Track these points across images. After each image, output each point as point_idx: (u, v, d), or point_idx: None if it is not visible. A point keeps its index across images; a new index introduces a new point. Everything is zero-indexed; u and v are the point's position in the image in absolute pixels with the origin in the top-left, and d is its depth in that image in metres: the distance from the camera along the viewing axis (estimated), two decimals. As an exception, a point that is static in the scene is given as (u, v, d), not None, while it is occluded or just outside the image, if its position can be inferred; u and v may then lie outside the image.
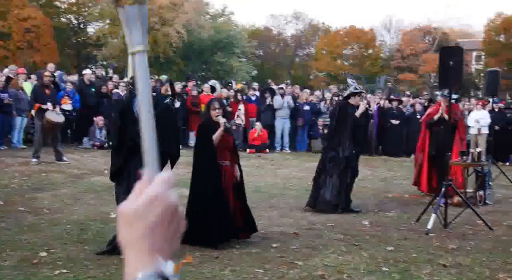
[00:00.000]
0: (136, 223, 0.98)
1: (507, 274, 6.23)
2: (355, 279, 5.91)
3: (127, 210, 1.00)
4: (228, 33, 40.48)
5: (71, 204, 9.31)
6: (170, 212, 1.00)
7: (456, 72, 9.08)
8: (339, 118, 9.93)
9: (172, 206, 1.01)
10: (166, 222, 0.99)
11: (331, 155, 9.82)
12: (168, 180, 1.02)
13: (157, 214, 0.98)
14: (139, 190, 1.02)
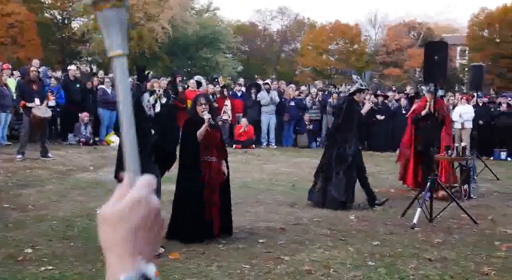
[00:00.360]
0: (119, 226, 0.98)
1: (492, 267, 6.28)
2: (342, 274, 5.94)
3: (110, 212, 1.00)
4: (213, 28, 40.40)
5: (56, 201, 9.25)
6: (153, 215, 1.00)
7: (441, 67, 9.12)
8: (346, 115, 9.88)
9: (154, 210, 1.01)
10: (148, 225, 1.00)
11: (338, 152, 9.75)
12: (150, 183, 1.02)
13: (140, 217, 0.99)
14: (119, 193, 1.02)
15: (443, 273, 6.03)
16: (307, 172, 13.62)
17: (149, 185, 1.02)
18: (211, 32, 39.71)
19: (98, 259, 6.08)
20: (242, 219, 8.29)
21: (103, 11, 1.02)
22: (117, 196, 1.02)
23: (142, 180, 1.02)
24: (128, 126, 1.04)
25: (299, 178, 12.66)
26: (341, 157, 9.73)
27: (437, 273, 6.04)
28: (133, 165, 1.04)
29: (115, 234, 0.98)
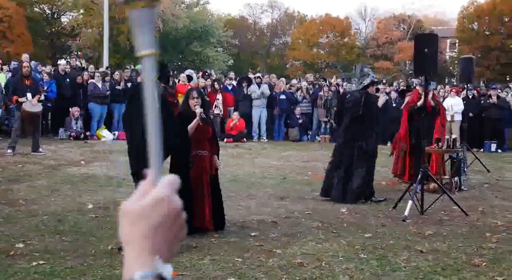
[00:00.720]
0: (140, 223, 0.99)
1: (483, 258, 6.32)
2: (334, 266, 5.95)
3: (132, 208, 1.00)
4: (203, 22, 40.31)
5: (47, 195, 9.22)
6: (174, 215, 1.02)
7: (432, 60, 9.14)
8: (365, 109, 9.82)
9: (176, 210, 1.02)
10: (169, 224, 1.01)
11: (360, 146, 9.70)
12: (173, 183, 1.03)
13: (161, 216, 0.99)
14: (143, 190, 1.03)
15: (435, 265, 6.06)
16: (298, 166, 13.67)
17: (172, 185, 1.03)
18: (201, 26, 39.62)
19: (90, 253, 6.08)
20: (234, 213, 8.29)
21: (136, 10, 1.01)
22: (141, 192, 1.02)
23: (166, 179, 1.03)
24: (154, 125, 1.04)
25: (290, 172, 12.68)
26: (364, 151, 9.69)
27: (429, 264, 6.07)
28: (157, 163, 1.05)
29: (135, 230, 0.99)
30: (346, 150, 9.78)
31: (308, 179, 11.78)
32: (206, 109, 7.68)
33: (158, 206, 0.99)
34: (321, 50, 49.54)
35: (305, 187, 10.79)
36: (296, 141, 19.87)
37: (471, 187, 11.34)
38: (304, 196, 9.92)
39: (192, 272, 5.69)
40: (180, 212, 1.03)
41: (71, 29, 37.50)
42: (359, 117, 9.72)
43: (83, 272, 5.49)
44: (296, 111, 20.26)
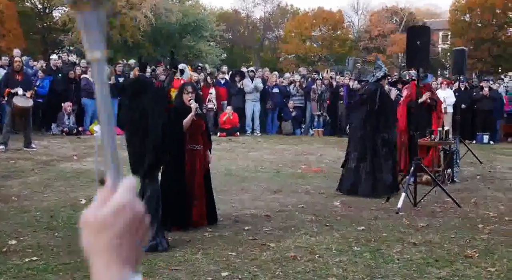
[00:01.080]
0: (103, 233, 0.95)
1: (475, 249, 6.35)
2: (327, 259, 5.97)
3: (94, 218, 0.96)
4: (196, 16, 40.16)
5: (40, 191, 9.19)
6: (137, 221, 0.98)
7: (424, 52, 9.15)
8: (382, 101, 9.81)
9: (139, 215, 0.98)
10: (133, 231, 0.97)
11: (382, 138, 9.68)
12: (133, 186, 0.99)
13: (124, 223, 0.96)
14: (103, 197, 0.98)
15: (428, 257, 6.09)
16: (292, 159, 13.68)
17: (132, 188, 0.99)
18: (193, 20, 39.47)
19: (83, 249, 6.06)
20: (227, 207, 8.30)
21: (83, 13, 0.98)
22: (101, 200, 0.98)
23: (126, 183, 0.99)
24: (108, 129, 1.01)
25: (284, 165, 12.68)
26: (388, 142, 9.68)
27: (422, 256, 6.10)
28: (114, 167, 1.00)
29: (99, 241, 0.95)
30: (369, 143, 9.72)
31: (302, 173, 11.79)
32: (200, 104, 7.67)
33: (121, 213, 0.95)
34: (314, 43, 49.50)
35: (298, 181, 10.81)
36: (289, 134, 19.88)
37: (464, 179, 11.39)
38: (298, 190, 9.93)
39: (186, 266, 5.69)
40: (143, 216, 0.99)
41: (63, 24, 37.27)
42: (377, 109, 9.71)
43: (76, 268, 5.48)
44: (289, 104, 20.26)
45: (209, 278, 5.36)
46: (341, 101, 20.15)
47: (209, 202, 7.46)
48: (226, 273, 5.48)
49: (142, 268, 5.58)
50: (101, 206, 0.97)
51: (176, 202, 7.01)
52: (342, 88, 20.31)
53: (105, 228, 0.95)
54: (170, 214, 6.90)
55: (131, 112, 6.34)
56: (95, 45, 0.99)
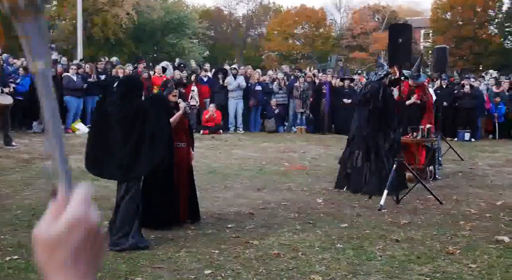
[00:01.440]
0: (58, 250, 0.90)
1: (457, 246, 6.40)
2: (310, 256, 5.98)
3: (47, 236, 0.90)
4: (178, 14, 40.08)
5: (21, 190, 9.11)
6: (93, 234, 0.92)
7: (405, 49, 9.19)
8: (387, 100, 9.80)
9: (94, 228, 0.93)
10: (89, 245, 0.92)
11: (386, 137, 9.64)
12: (87, 197, 0.94)
13: (80, 238, 0.90)
14: (55, 210, 0.93)
15: (410, 253, 6.12)
16: (275, 157, 13.68)
17: (86, 199, 0.93)
18: (176, 18, 39.39)
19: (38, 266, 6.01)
20: (210, 205, 8.29)
21: (24, 23, 0.94)
22: (53, 214, 0.92)
23: (78, 193, 0.93)
24: (57, 140, 0.97)
25: (267, 163, 12.69)
26: (392, 140, 9.69)
27: (404, 253, 6.13)
28: (65, 175, 0.96)
29: (54, 259, 0.90)
30: (373, 141, 9.73)
31: (285, 170, 11.80)
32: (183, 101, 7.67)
33: (75, 228, 0.90)
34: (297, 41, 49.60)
35: (281, 178, 10.81)
36: (272, 132, 19.88)
37: (446, 176, 11.46)
38: (281, 187, 9.94)
39: (169, 264, 5.67)
40: (99, 228, 0.93)
41: (44, 21, 36.99)
42: (380, 108, 9.73)
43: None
44: (272, 102, 20.26)
45: (192, 276, 5.35)
46: (324, 98, 20.19)
47: (192, 200, 7.44)
48: (209, 271, 5.47)
49: (125, 266, 5.56)
50: (53, 221, 0.91)
51: (165, 200, 6.99)
52: (324, 86, 20.35)
53: (60, 245, 0.90)
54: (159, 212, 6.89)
55: (125, 110, 6.26)
56: (38, 55, 0.95)
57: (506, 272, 5.55)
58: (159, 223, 6.95)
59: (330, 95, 20.22)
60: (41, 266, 0.92)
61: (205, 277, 5.34)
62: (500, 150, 16.09)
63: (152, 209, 6.84)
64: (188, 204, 7.35)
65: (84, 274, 0.91)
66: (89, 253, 0.92)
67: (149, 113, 6.27)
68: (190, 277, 5.32)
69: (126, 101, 6.33)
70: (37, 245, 0.92)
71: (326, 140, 17.81)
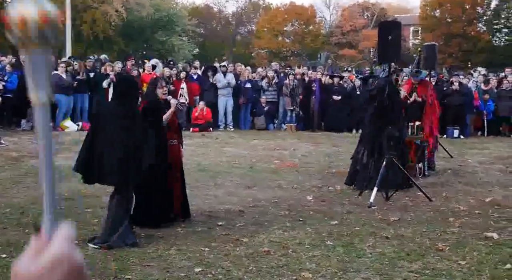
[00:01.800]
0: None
1: (446, 243, 6.43)
2: (300, 254, 5.98)
3: (26, 272, 0.86)
4: (168, 11, 39.96)
5: (10, 188, 9.06)
6: (76, 274, 0.88)
7: (395, 47, 9.21)
8: (392, 97, 9.78)
9: (77, 268, 0.89)
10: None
11: (391, 133, 9.60)
12: (70, 235, 0.90)
13: (62, 277, 0.86)
14: (37, 247, 0.89)
15: (400, 250, 6.14)
16: (265, 154, 13.68)
17: (69, 238, 0.90)
18: (165, 15, 39.27)
19: None
20: (200, 202, 8.28)
21: (32, 54, 0.93)
22: (35, 250, 0.89)
23: (62, 232, 0.90)
24: (49, 175, 0.96)
25: (257, 160, 12.68)
26: (396, 138, 9.68)
27: (394, 250, 6.15)
28: (51, 213, 0.94)
29: None
30: (378, 138, 9.73)
31: (275, 168, 11.81)
32: None
33: (58, 267, 0.86)
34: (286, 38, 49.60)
35: (271, 176, 10.81)
36: (262, 129, 19.87)
37: (435, 173, 11.50)
38: (271, 185, 9.94)
39: (159, 262, 5.66)
40: (82, 268, 0.90)
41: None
42: (386, 105, 9.73)
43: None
44: (261, 99, 20.24)
45: (182, 274, 5.34)
46: (314, 96, 20.20)
47: (183, 198, 7.43)
48: (199, 269, 5.47)
49: (115, 264, 5.55)
50: (35, 258, 0.88)
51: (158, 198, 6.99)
52: (314, 83, 20.36)
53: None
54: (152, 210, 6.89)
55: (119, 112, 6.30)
56: (41, 87, 0.95)
57: (495, 269, 5.58)
58: (152, 221, 6.93)
59: (320, 92, 20.23)
60: None
61: (195, 275, 5.34)
62: (489, 147, 16.16)
63: (145, 207, 6.83)
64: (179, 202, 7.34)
65: None
66: None
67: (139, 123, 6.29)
68: (180, 275, 5.31)
69: (121, 102, 6.36)
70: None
71: (316, 137, 17.83)
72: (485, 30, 44.34)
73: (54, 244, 0.89)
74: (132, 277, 5.24)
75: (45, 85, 0.95)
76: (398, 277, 5.35)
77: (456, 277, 5.34)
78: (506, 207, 8.46)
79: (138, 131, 6.20)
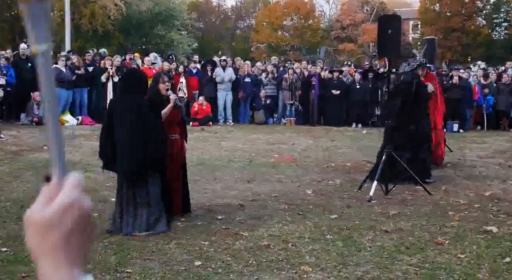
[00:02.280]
0: (50, 232, 0.90)
1: (446, 236, 6.43)
2: (300, 248, 5.99)
3: (39, 218, 0.91)
4: (167, 5, 39.85)
5: (9, 182, 9.06)
6: (84, 219, 0.93)
7: (395, 41, 9.19)
8: (418, 91, 9.83)
9: (86, 213, 0.94)
10: (80, 230, 0.92)
11: (416, 128, 9.75)
12: (80, 183, 0.95)
13: (72, 222, 0.91)
14: (48, 194, 0.93)
15: (399, 244, 6.15)
16: (264, 148, 13.69)
17: (79, 185, 0.94)
18: (165, 9, 39.16)
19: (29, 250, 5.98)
20: (200, 196, 8.28)
21: (30, 4, 0.94)
22: (46, 197, 0.93)
23: (71, 180, 0.94)
24: (54, 123, 0.97)
25: (256, 154, 12.69)
26: (419, 133, 9.75)
27: (393, 244, 6.16)
28: (60, 162, 0.96)
29: (46, 242, 0.90)
30: (404, 132, 9.77)
31: (274, 162, 11.81)
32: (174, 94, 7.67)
33: (67, 212, 0.91)
34: (286, 32, 49.52)
35: (271, 170, 10.82)
36: (262, 124, 19.87)
37: (435, 167, 11.49)
38: (270, 179, 9.95)
39: (159, 256, 5.67)
40: (90, 215, 0.95)
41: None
42: (412, 100, 9.74)
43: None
44: (261, 94, 20.23)
45: (182, 268, 5.35)
46: (313, 90, 20.19)
47: (184, 193, 7.43)
48: (199, 262, 5.47)
49: (115, 258, 5.55)
50: (46, 204, 0.92)
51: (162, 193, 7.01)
52: (313, 78, 20.35)
53: (52, 228, 0.90)
54: None
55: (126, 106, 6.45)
56: (41, 38, 0.95)
57: (494, 262, 5.59)
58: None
59: (319, 86, 20.22)
60: (32, 249, 0.93)
61: (195, 268, 5.34)
62: (488, 141, 16.18)
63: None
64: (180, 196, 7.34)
65: (74, 258, 0.92)
66: (80, 238, 0.93)
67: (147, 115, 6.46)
68: (180, 269, 5.32)
69: (128, 95, 6.49)
70: (29, 227, 0.93)
71: (315, 131, 17.83)
72: (484, 24, 44.34)
73: (64, 191, 0.93)
74: (132, 271, 5.24)
75: (45, 37, 0.96)
76: (397, 270, 5.36)
77: (456, 271, 5.35)
78: (505, 200, 8.48)
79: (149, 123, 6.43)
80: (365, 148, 13.46)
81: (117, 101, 7.14)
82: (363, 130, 18.69)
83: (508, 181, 10.15)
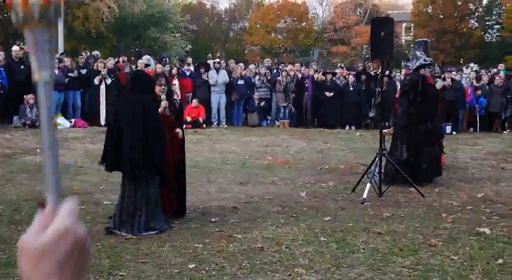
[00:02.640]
0: (43, 261, 0.89)
1: (439, 238, 6.45)
2: (294, 250, 5.99)
3: (32, 246, 0.90)
4: (160, 7, 39.83)
5: (2, 185, 9.04)
6: (79, 248, 0.92)
7: (388, 43, 9.22)
8: (425, 91, 9.89)
9: (80, 241, 0.93)
10: (74, 258, 0.92)
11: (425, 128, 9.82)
12: (74, 210, 0.94)
13: (66, 251, 0.90)
14: (42, 221, 0.93)
15: (393, 246, 6.16)
16: (258, 151, 13.69)
17: (73, 212, 0.94)
18: (158, 11, 39.14)
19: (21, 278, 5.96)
20: (194, 199, 8.27)
21: (36, 32, 0.94)
22: (40, 225, 0.92)
23: (66, 207, 0.94)
24: (51, 152, 0.97)
25: (250, 157, 12.69)
26: (430, 132, 9.82)
27: (387, 246, 6.17)
28: (55, 189, 0.96)
29: (39, 270, 0.89)
30: (413, 132, 9.83)
31: (268, 164, 11.81)
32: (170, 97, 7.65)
33: (62, 240, 0.90)
34: (279, 35, 49.53)
35: (265, 172, 10.82)
36: (255, 126, 19.87)
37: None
38: (264, 181, 9.95)
39: (152, 259, 5.66)
40: (85, 242, 0.94)
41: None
42: (419, 99, 9.81)
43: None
44: (254, 96, 20.23)
45: (175, 270, 5.34)
46: (306, 92, 20.20)
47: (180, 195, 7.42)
48: (193, 265, 5.47)
49: (108, 260, 5.54)
50: (40, 232, 0.91)
51: None
52: (307, 80, 20.36)
53: (46, 256, 0.90)
54: None
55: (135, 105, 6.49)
56: (44, 65, 0.96)
57: (487, 264, 5.61)
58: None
59: (313, 89, 20.23)
60: (24, 276, 0.91)
61: (189, 271, 5.34)
62: (481, 143, 16.24)
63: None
64: (175, 198, 7.33)
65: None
66: (74, 265, 0.92)
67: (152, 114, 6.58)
68: (174, 272, 5.31)
69: (135, 95, 6.61)
70: (22, 256, 0.92)
71: (309, 133, 17.84)
72: (477, 27, 44.47)
73: (57, 219, 0.92)
74: (125, 274, 5.23)
75: (48, 64, 0.96)
76: (391, 272, 5.37)
77: (449, 272, 5.36)
78: (498, 202, 8.51)
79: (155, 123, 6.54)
80: (359, 150, 13.49)
81: (124, 100, 7.17)
82: (357, 132, 18.71)
83: (501, 182, 10.19)
